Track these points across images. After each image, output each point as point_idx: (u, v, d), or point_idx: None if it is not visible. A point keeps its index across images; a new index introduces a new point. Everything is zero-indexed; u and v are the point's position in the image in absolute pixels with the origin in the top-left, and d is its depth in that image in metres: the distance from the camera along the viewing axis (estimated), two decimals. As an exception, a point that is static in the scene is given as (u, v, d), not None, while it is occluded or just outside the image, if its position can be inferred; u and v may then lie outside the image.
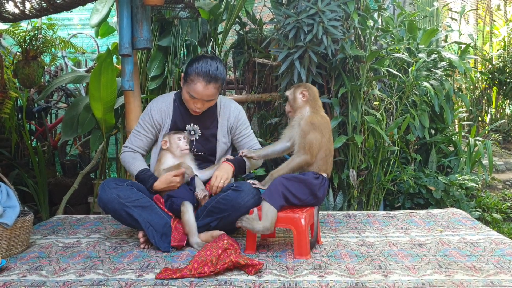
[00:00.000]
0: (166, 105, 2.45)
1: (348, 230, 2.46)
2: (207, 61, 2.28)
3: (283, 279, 1.77)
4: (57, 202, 3.82)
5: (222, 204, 2.20)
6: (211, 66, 2.26)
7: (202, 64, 2.27)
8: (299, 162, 2.09)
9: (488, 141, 3.61)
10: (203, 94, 2.27)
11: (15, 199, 2.24)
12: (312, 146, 2.07)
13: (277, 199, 2.01)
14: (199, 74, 2.25)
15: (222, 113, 2.47)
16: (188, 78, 2.29)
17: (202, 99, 2.29)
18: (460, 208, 3.13)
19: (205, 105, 2.34)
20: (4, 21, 2.90)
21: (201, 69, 2.25)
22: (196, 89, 2.26)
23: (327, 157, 2.14)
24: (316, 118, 2.12)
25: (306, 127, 2.10)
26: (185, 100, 2.36)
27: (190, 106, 2.35)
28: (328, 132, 2.14)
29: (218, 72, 2.27)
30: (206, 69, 2.25)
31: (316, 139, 2.08)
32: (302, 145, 2.09)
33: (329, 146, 2.15)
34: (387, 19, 3.45)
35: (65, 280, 1.80)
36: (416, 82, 3.16)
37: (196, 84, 2.26)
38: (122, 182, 2.28)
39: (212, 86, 2.27)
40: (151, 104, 2.49)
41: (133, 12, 2.78)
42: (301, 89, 2.18)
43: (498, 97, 5.75)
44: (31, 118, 4.52)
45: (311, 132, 2.08)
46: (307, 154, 2.07)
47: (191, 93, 2.28)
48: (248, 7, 3.92)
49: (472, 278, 1.73)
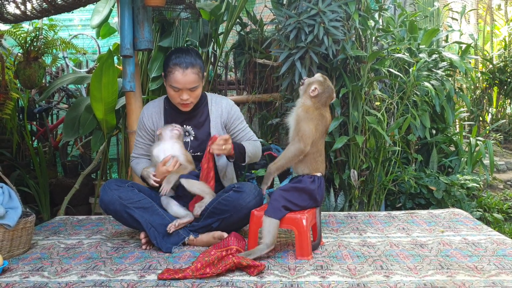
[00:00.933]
0: (156, 110, 2.46)
1: (350, 231, 2.46)
2: (180, 51, 2.35)
3: (285, 280, 1.77)
4: (58, 202, 3.82)
5: (224, 205, 2.20)
6: (185, 54, 2.32)
7: (175, 55, 2.33)
8: (294, 151, 2.07)
9: (489, 141, 3.61)
10: (184, 82, 2.28)
11: (16, 200, 2.24)
12: (305, 134, 2.05)
13: (277, 212, 2.01)
14: (175, 64, 2.29)
15: (214, 110, 2.46)
16: (166, 72, 2.32)
17: (185, 87, 2.29)
18: (461, 208, 3.13)
19: (191, 95, 2.33)
20: (5, 22, 2.90)
21: (175, 59, 2.30)
22: (176, 78, 2.27)
23: (315, 155, 2.11)
24: (313, 112, 2.09)
25: (301, 113, 2.09)
26: (171, 97, 2.36)
27: (177, 101, 2.35)
28: (321, 130, 2.11)
29: (192, 58, 2.31)
30: (181, 58, 2.30)
31: (309, 129, 2.06)
32: (296, 131, 2.07)
33: (318, 145, 2.12)
34: (388, 19, 3.45)
35: (67, 281, 1.81)
36: (417, 82, 3.16)
37: (175, 74, 2.27)
38: (124, 183, 2.29)
39: (190, 71, 2.28)
40: (142, 111, 2.51)
41: (134, 13, 2.78)
42: (314, 85, 2.11)
43: (499, 97, 5.74)
44: (32, 119, 4.52)
45: (305, 120, 2.06)
46: (300, 142, 2.05)
47: (173, 84, 2.29)
48: (249, 8, 3.92)
49: (474, 278, 1.73)
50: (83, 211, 3.95)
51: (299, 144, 2.06)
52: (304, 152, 2.07)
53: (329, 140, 3.10)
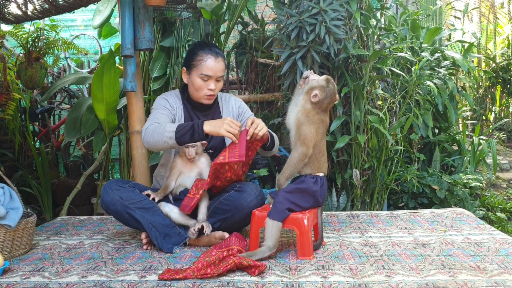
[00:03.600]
0: (175, 100, 2.44)
1: (352, 230, 2.45)
2: (204, 43, 2.39)
3: (286, 280, 1.76)
4: (60, 203, 3.83)
5: (225, 205, 2.20)
6: (211, 45, 2.37)
7: (202, 45, 2.37)
8: (298, 156, 2.06)
9: (492, 140, 3.59)
10: (216, 69, 2.31)
11: (18, 200, 2.24)
12: (307, 138, 2.05)
13: (281, 215, 2.00)
14: (205, 52, 2.31)
15: (225, 107, 2.49)
16: (195, 61, 2.32)
17: (216, 75, 2.31)
18: (464, 207, 3.12)
19: (217, 86, 2.34)
20: (7, 23, 2.91)
21: (205, 47, 2.34)
22: (209, 65, 2.29)
23: (317, 156, 2.10)
24: (313, 115, 2.08)
25: (302, 117, 2.07)
26: (198, 89, 2.33)
27: (203, 93, 2.33)
28: (322, 132, 2.11)
29: (218, 49, 2.36)
30: (210, 47, 2.35)
31: (311, 133, 2.05)
32: (297, 135, 2.06)
33: (320, 145, 2.11)
34: (390, 18, 3.43)
35: (68, 281, 1.80)
36: (419, 81, 3.15)
37: (207, 61, 2.30)
38: (125, 183, 2.28)
39: (221, 60, 2.33)
40: (162, 97, 2.43)
41: (135, 13, 2.78)
42: (316, 90, 2.05)
43: (502, 96, 5.72)
44: (34, 119, 4.52)
45: (306, 124, 2.06)
46: (303, 146, 2.05)
47: (204, 72, 2.29)
48: (250, 7, 3.92)
49: (476, 278, 1.72)
50: (85, 212, 3.95)
51: (302, 148, 2.05)
52: (308, 155, 2.07)
53: (331, 139, 3.09)
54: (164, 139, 2.13)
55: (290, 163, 2.08)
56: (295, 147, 2.07)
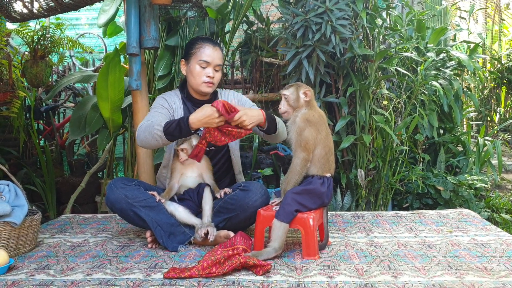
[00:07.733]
0: (174, 99, 2.45)
1: (357, 231, 2.44)
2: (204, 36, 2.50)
3: (292, 279, 1.75)
4: (64, 201, 3.83)
5: (230, 204, 2.19)
6: (210, 37, 2.47)
7: (200, 37, 2.46)
8: (300, 163, 2.04)
9: (497, 141, 3.57)
10: (214, 56, 2.36)
11: (23, 198, 2.25)
12: (308, 142, 2.04)
13: (289, 216, 1.99)
14: (203, 41, 2.41)
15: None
16: (194, 49, 2.39)
17: (213, 62, 2.36)
18: (469, 208, 3.10)
19: (215, 75, 2.38)
20: (12, 21, 2.91)
21: (203, 38, 2.44)
22: (207, 52, 2.36)
23: (327, 155, 2.09)
24: (312, 115, 2.07)
25: (302, 123, 2.07)
26: (196, 76, 2.36)
27: (201, 80, 2.36)
28: (325, 129, 2.09)
29: (217, 42, 2.47)
30: (207, 37, 2.45)
31: (311, 135, 2.04)
32: (298, 142, 2.05)
33: (328, 143, 2.09)
34: (396, 18, 3.42)
35: (73, 279, 1.80)
36: (424, 82, 3.14)
37: (205, 48, 2.37)
38: (130, 181, 2.28)
39: (218, 49, 2.40)
40: (161, 97, 2.44)
41: (141, 12, 2.78)
42: (303, 89, 2.11)
43: (507, 97, 5.69)
44: (39, 118, 4.53)
45: (307, 129, 2.05)
46: (304, 151, 2.04)
47: (203, 58, 2.35)
48: (256, 6, 3.91)
49: (483, 279, 1.71)
50: (89, 210, 3.96)
51: (303, 154, 2.03)
52: (309, 160, 2.05)
53: (336, 139, 3.09)
54: (155, 136, 2.14)
55: (293, 171, 2.06)
56: (296, 153, 2.06)
